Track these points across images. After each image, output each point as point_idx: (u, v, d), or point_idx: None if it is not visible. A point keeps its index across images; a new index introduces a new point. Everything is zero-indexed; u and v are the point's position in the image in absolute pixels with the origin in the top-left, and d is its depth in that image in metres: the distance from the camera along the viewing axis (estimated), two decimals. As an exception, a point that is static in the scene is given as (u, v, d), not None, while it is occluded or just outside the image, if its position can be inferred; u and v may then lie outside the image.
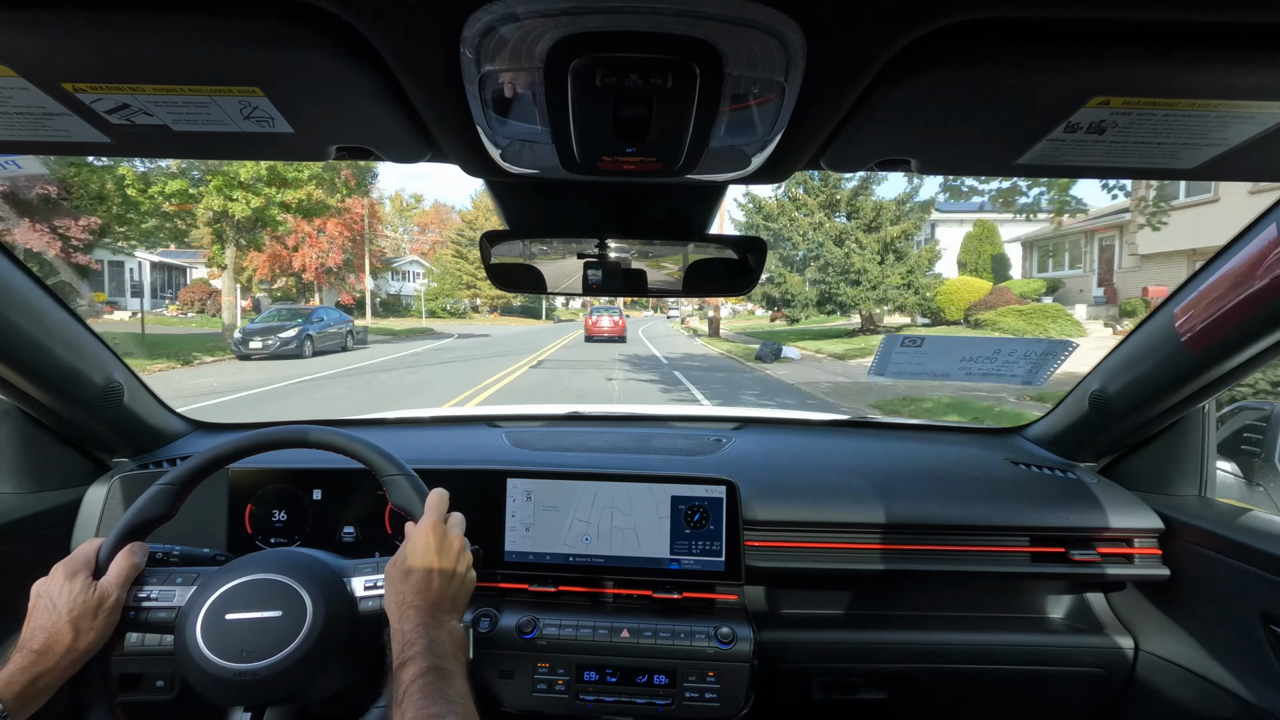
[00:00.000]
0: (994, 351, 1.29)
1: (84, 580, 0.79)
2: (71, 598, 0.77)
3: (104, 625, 0.78)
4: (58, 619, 0.75)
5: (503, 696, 1.13)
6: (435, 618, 0.76)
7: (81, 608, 0.77)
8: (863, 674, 1.26)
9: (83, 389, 1.18)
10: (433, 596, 0.78)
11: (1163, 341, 1.10)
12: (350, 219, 30.45)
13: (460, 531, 0.87)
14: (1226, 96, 0.51)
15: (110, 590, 0.79)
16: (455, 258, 47.80)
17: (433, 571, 0.80)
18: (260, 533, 1.24)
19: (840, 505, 1.25)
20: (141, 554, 0.85)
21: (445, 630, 0.76)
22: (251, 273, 27.23)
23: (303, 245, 27.74)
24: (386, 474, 0.91)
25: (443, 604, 0.78)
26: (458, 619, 0.79)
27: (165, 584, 0.84)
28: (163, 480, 0.89)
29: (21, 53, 0.47)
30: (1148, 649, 1.21)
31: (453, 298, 46.53)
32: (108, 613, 0.78)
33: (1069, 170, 0.67)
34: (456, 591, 0.81)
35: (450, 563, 0.82)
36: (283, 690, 0.78)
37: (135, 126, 0.58)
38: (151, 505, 0.87)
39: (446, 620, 0.77)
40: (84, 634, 0.76)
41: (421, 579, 0.79)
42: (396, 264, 45.64)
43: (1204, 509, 1.23)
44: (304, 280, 29.54)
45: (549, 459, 1.39)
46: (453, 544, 0.84)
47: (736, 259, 0.99)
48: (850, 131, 0.59)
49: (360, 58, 0.48)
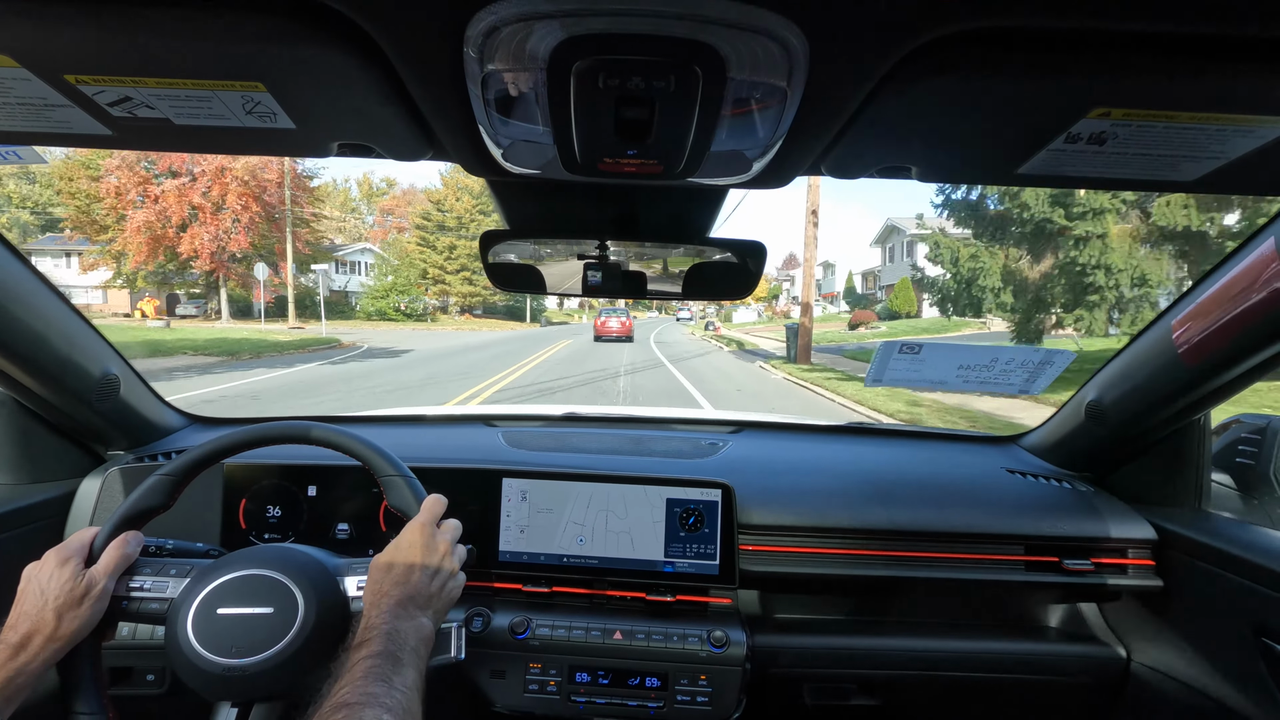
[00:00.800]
0: (991, 360, 1.29)
1: (74, 568, 0.79)
2: (59, 585, 0.77)
3: (88, 613, 0.78)
4: (43, 606, 0.76)
5: (494, 696, 1.13)
6: (406, 610, 0.76)
7: (67, 595, 0.77)
8: (855, 680, 1.26)
9: (79, 381, 1.18)
10: (409, 590, 0.77)
11: (1159, 353, 1.11)
12: (260, 187, 23.52)
13: (450, 537, 0.87)
14: (1227, 110, 0.51)
15: (98, 579, 0.79)
16: (420, 246, 39.33)
17: (414, 567, 0.80)
18: (254, 529, 1.23)
19: (835, 510, 1.25)
20: (135, 544, 0.85)
21: (413, 624, 0.75)
22: (127, 259, 20.88)
23: (193, 223, 21.10)
24: (385, 474, 0.91)
25: (417, 599, 0.78)
26: (431, 618, 0.79)
27: (159, 575, 0.84)
28: (161, 471, 0.89)
29: (24, 43, 0.47)
30: (1140, 659, 1.21)
31: (410, 294, 37.37)
32: (93, 600, 0.78)
33: (1070, 180, 0.67)
34: (436, 591, 0.81)
35: (434, 562, 0.82)
36: (271, 687, 0.78)
37: (137, 119, 0.58)
38: (149, 496, 0.87)
39: (416, 615, 0.76)
40: (67, 621, 0.76)
41: (402, 573, 0.79)
42: (343, 253, 37.96)
43: (1198, 521, 1.23)
44: (196, 268, 22.64)
45: (545, 459, 1.39)
46: (439, 546, 0.83)
47: (736, 262, 0.99)
48: (852, 138, 0.60)
49: (364, 55, 0.48)
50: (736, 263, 0.99)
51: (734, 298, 1.05)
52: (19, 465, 1.24)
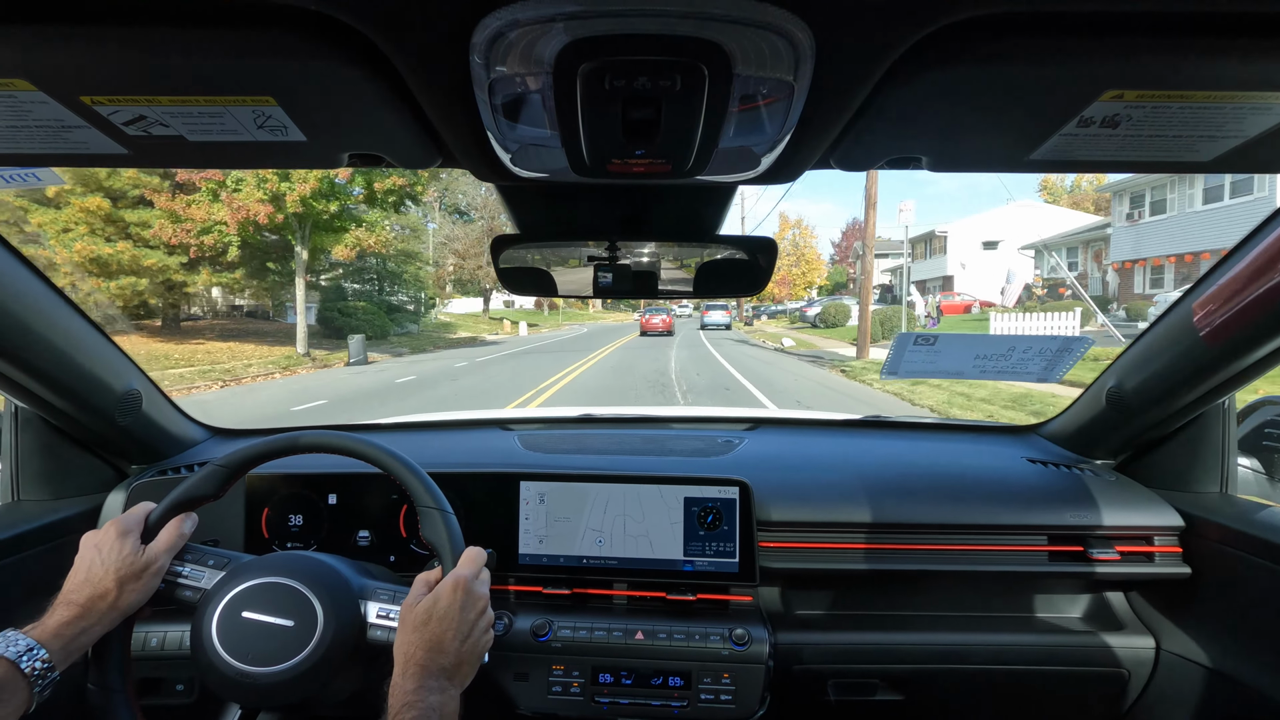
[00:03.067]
0: (1008, 349, 1.27)
1: (134, 541, 0.82)
2: (120, 556, 0.80)
3: (145, 588, 0.81)
4: (105, 574, 0.79)
5: (518, 699, 1.13)
6: (439, 682, 0.75)
7: (129, 568, 0.80)
8: (879, 675, 1.25)
9: (102, 397, 1.20)
10: (444, 660, 0.76)
11: (1181, 336, 1.09)
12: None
13: (486, 591, 0.85)
14: (1244, 88, 0.50)
15: (156, 555, 0.83)
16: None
17: (448, 631, 0.78)
18: (277, 537, 1.25)
19: (854, 505, 1.24)
20: (191, 525, 0.88)
21: (445, 697, 0.75)
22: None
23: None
24: (425, 505, 0.90)
25: (448, 669, 0.77)
26: (459, 687, 0.78)
27: (197, 564, 0.87)
28: (216, 461, 0.91)
29: (41, 67, 0.48)
30: (1169, 649, 1.20)
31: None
32: (151, 576, 0.82)
33: (1083, 165, 0.66)
34: (466, 656, 0.79)
35: (468, 626, 0.80)
36: (278, 700, 0.79)
37: (151, 138, 0.58)
38: (202, 484, 0.90)
39: (448, 688, 0.76)
40: (127, 593, 0.79)
41: (435, 636, 0.77)
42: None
43: (1226, 506, 1.21)
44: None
45: (562, 461, 1.39)
46: (476, 603, 0.82)
47: (747, 259, 0.99)
48: (860, 130, 0.59)
49: (371, 66, 0.49)
50: (747, 259, 0.99)
51: (745, 294, 1.05)
52: (47, 481, 1.26)
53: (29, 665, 0.70)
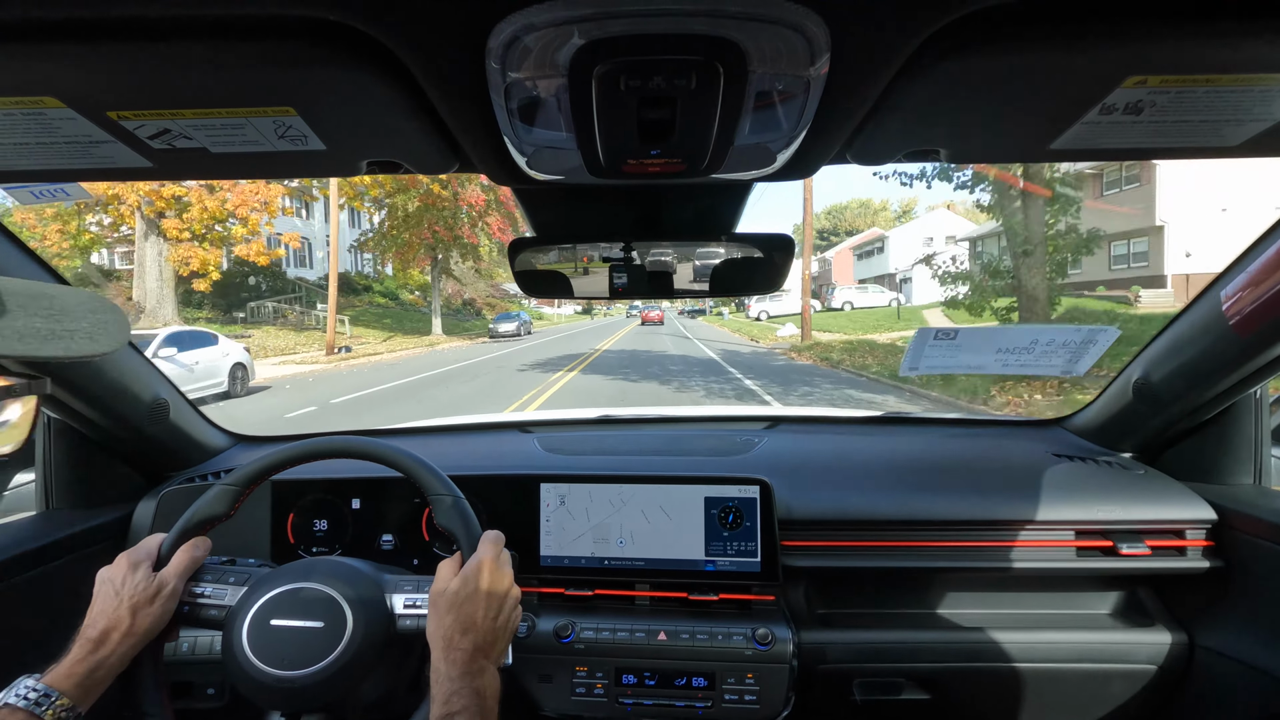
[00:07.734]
0: (1031, 341, 1.25)
1: (145, 570, 0.83)
2: (133, 585, 0.81)
3: (160, 611, 0.82)
4: (118, 605, 0.80)
5: (542, 701, 1.13)
6: (478, 664, 0.76)
7: (141, 595, 0.81)
8: (905, 674, 1.24)
9: (131, 407, 1.23)
10: (478, 638, 0.78)
11: (1210, 325, 1.07)
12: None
13: (509, 570, 0.86)
14: (1271, 69, 0.49)
15: (169, 579, 0.84)
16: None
17: (479, 610, 0.79)
18: (302, 542, 1.26)
19: (877, 503, 1.23)
20: (203, 548, 0.89)
21: (487, 678, 0.76)
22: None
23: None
24: (435, 493, 0.91)
25: (485, 647, 0.78)
26: (496, 663, 0.80)
27: (219, 582, 0.88)
28: (224, 481, 0.92)
29: (69, 84, 0.49)
30: (1204, 644, 1.17)
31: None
32: (165, 600, 0.83)
33: (1106, 154, 0.65)
34: (500, 632, 0.81)
35: (498, 603, 0.81)
36: (318, 700, 0.80)
37: (176, 150, 0.60)
38: (212, 504, 0.91)
39: (488, 667, 0.77)
40: (141, 618, 0.80)
41: (468, 616, 0.78)
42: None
43: (1260, 498, 1.18)
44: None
45: (581, 463, 1.39)
46: (502, 580, 0.83)
47: (763, 257, 0.98)
48: (876, 124, 0.59)
49: (388, 74, 0.49)
50: (763, 257, 0.98)
51: (762, 292, 1.04)
52: (79, 491, 1.29)
53: (45, 712, 0.70)
